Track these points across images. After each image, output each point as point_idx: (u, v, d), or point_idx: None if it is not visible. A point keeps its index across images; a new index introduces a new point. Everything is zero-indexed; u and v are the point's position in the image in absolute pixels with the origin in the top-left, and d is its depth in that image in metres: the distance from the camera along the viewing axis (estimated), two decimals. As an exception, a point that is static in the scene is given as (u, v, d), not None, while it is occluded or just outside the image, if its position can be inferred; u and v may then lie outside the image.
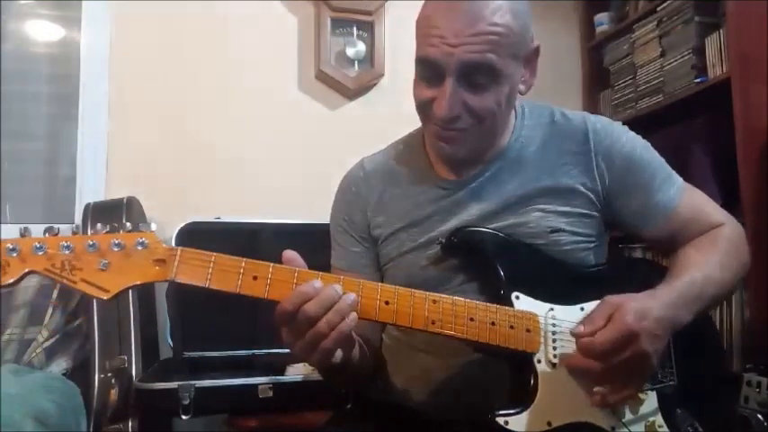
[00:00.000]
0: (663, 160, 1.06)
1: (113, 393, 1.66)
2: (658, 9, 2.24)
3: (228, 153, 2.27)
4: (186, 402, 1.58)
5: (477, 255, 0.96)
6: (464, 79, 0.90)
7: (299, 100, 2.38)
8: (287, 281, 0.81)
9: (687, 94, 2.10)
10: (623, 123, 1.08)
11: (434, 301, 0.86)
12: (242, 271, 0.81)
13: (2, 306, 1.73)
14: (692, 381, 0.96)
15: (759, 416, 1.58)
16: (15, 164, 2.17)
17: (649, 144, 1.06)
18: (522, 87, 0.99)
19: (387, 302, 0.84)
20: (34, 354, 1.72)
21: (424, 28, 0.92)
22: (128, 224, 0.79)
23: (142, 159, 2.19)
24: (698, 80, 2.07)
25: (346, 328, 0.80)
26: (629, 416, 0.90)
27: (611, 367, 0.83)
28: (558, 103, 1.09)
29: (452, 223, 1.01)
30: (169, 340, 1.88)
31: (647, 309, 0.84)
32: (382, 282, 1.06)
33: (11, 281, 0.74)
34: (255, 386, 1.64)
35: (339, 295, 0.80)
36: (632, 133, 1.06)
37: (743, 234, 1.04)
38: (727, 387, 1.19)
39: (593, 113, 1.07)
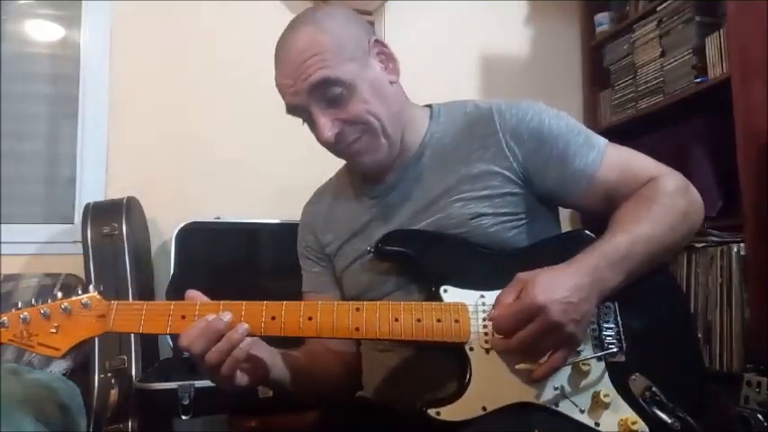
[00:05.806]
0: (580, 127, 1.04)
1: (113, 393, 1.66)
2: (658, 9, 2.24)
3: (228, 153, 2.26)
4: (186, 402, 1.57)
5: (406, 256, 1.00)
6: (323, 102, 0.98)
7: (299, 100, 2.38)
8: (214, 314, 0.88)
9: (687, 94, 2.10)
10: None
11: (357, 309, 0.90)
12: (170, 313, 0.89)
13: (2, 306, 1.72)
14: (650, 345, 0.94)
15: (759, 416, 1.58)
16: (15, 164, 2.17)
17: (563, 113, 1.05)
18: (391, 77, 1.05)
19: (310, 318, 0.89)
20: (34, 354, 1.72)
21: (278, 88, 1.03)
22: (78, 289, 0.93)
23: (142, 159, 2.19)
24: (698, 80, 2.07)
25: (233, 363, 0.86)
26: (572, 388, 0.89)
27: (523, 341, 0.84)
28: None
29: (389, 227, 1.05)
30: (169, 340, 1.88)
31: (557, 279, 0.85)
32: (342, 294, 1.13)
33: None
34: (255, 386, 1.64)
35: (225, 324, 0.85)
36: (541, 107, 1.04)
37: (683, 183, 1.00)
38: (696, 348, 1.12)
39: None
